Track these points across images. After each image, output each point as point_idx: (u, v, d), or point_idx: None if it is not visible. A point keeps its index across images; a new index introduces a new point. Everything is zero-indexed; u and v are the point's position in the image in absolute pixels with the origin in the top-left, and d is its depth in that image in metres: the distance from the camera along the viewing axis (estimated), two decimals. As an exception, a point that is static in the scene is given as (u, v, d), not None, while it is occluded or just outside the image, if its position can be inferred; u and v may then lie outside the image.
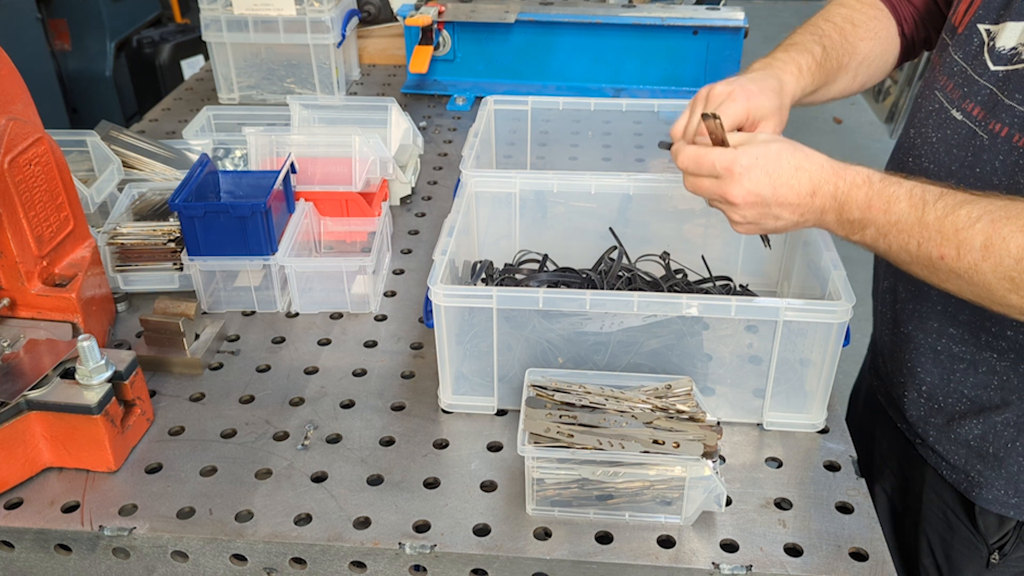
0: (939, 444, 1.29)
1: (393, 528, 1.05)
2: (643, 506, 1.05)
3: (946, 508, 1.32)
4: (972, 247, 0.93)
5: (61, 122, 4.03)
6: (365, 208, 1.58)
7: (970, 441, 1.24)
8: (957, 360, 1.23)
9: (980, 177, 1.12)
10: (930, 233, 0.96)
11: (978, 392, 1.22)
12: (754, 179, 1.04)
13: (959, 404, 1.25)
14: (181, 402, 1.26)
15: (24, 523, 1.06)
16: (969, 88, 1.15)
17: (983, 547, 1.28)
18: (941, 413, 1.28)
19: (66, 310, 1.26)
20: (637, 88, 2.27)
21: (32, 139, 1.20)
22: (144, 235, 1.46)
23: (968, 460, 1.25)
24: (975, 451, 1.24)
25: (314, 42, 2.18)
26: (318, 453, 1.17)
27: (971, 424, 1.23)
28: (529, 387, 1.12)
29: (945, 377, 1.25)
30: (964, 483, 1.27)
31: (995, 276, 0.93)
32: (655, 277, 1.36)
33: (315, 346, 1.38)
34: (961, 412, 1.25)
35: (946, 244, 0.95)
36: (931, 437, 1.30)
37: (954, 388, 1.25)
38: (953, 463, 1.27)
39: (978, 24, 1.16)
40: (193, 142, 1.77)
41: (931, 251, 0.97)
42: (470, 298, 1.16)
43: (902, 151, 1.31)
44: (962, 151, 1.15)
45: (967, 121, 1.15)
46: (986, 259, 0.93)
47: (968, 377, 1.22)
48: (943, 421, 1.28)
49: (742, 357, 1.19)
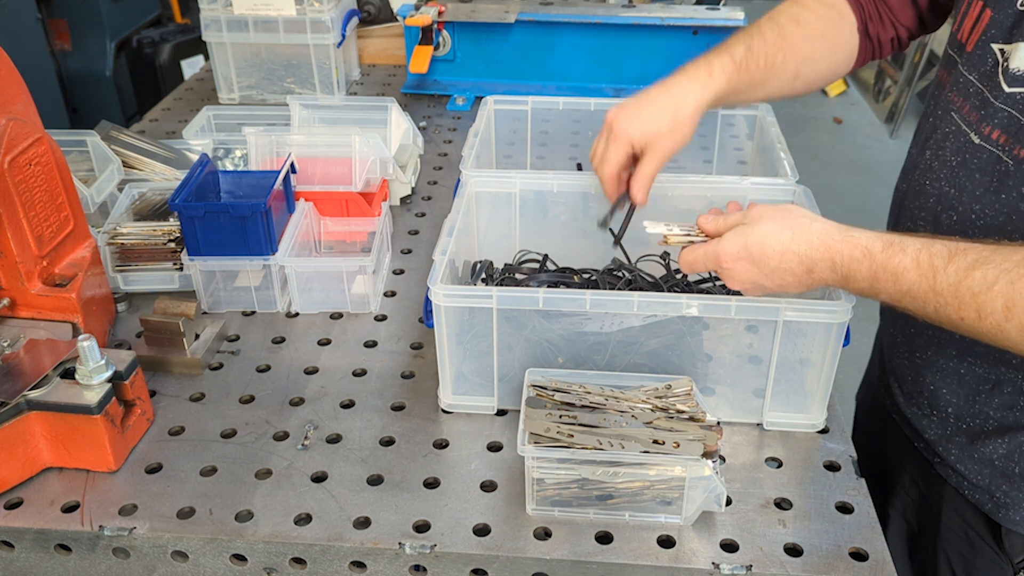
0: (961, 463, 1.26)
1: (393, 528, 1.05)
2: (643, 506, 1.05)
3: (967, 527, 1.29)
4: (993, 310, 0.91)
5: (61, 122, 4.03)
6: (365, 208, 1.58)
7: (995, 461, 1.21)
8: (982, 381, 1.20)
9: (1006, 203, 1.10)
10: (946, 299, 0.94)
11: (1004, 412, 1.19)
12: (744, 270, 1.06)
13: (985, 425, 1.22)
14: (181, 402, 1.26)
15: (24, 523, 1.06)
16: (987, 111, 1.12)
17: (1008, 567, 1.25)
18: (964, 433, 1.25)
19: (66, 310, 1.26)
20: (637, 88, 2.25)
21: (32, 139, 1.20)
22: (144, 235, 1.46)
23: (993, 480, 1.22)
24: (1000, 471, 1.21)
25: (314, 42, 2.18)
26: (318, 453, 1.17)
27: (996, 444, 1.21)
28: (529, 387, 1.12)
29: (970, 399, 1.23)
30: (988, 503, 1.24)
31: (1021, 336, 0.91)
32: (655, 277, 1.36)
33: (315, 346, 1.38)
34: (986, 432, 1.22)
35: (964, 308, 0.93)
36: (952, 456, 1.27)
37: (979, 409, 1.22)
38: (976, 483, 1.24)
39: (991, 44, 1.12)
40: (193, 142, 1.77)
41: (950, 314, 0.95)
42: (470, 298, 1.16)
43: (919, 173, 1.26)
44: (985, 176, 1.13)
45: (987, 145, 1.12)
46: (1009, 320, 0.91)
47: (993, 398, 1.20)
48: (966, 440, 1.25)
49: (742, 357, 1.19)
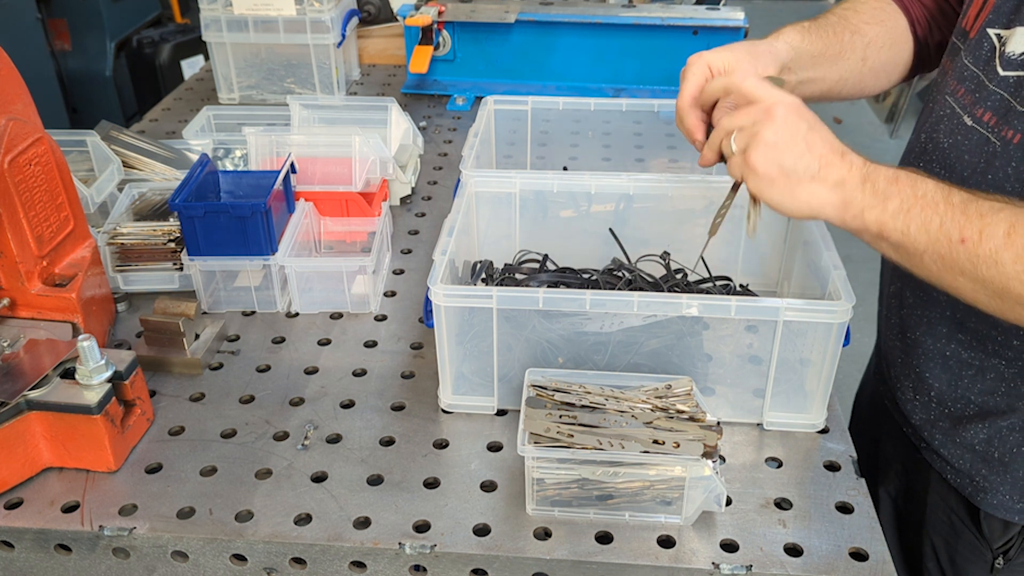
0: (944, 448, 1.28)
1: (393, 528, 1.05)
2: (643, 506, 1.05)
3: (951, 512, 1.31)
4: (994, 234, 0.92)
5: (61, 122, 4.03)
6: (365, 208, 1.58)
7: (975, 446, 1.23)
8: (966, 366, 1.22)
9: (993, 184, 1.12)
10: (954, 213, 0.94)
11: (985, 398, 1.21)
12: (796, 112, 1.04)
13: (967, 409, 1.24)
14: (181, 402, 1.26)
15: (24, 523, 1.06)
16: (981, 94, 1.14)
17: (987, 552, 1.27)
18: (947, 418, 1.27)
19: (66, 310, 1.26)
20: (637, 88, 2.27)
21: (32, 139, 1.20)
22: (144, 235, 1.46)
23: (973, 464, 1.25)
24: (980, 456, 1.23)
25: (314, 42, 2.18)
26: (318, 453, 1.16)
27: (977, 429, 1.23)
28: (529, 387, 1.12)
29: (953, 383, 1.25)
30: (969, 487, 1.26)
31: (1015, 267, 0.91)
32: (655, 277, 1.36)
33: (315, 346, 1.38)
34: (968, 417, 1.24)
35: (969, 226, 0.93)
36: (936, 441, 1.30)
37: (962, 394, 1.24)
38: (958, 467, 1.27)
39: (988, 29, 1.14)
40: (193, 142, 1.77)
41: (952, 232, 0.94)
42: (470, 298, 1.16)
43: (913, 155, 1.29)
44: (974, 157, 1.14)
45: (978, 127, 1.14)
46: (1007, 247, 0.91)
47: (976, 383, 1.22)
48: (949, 425, 1.27)
49: (742, 357, 1.19)
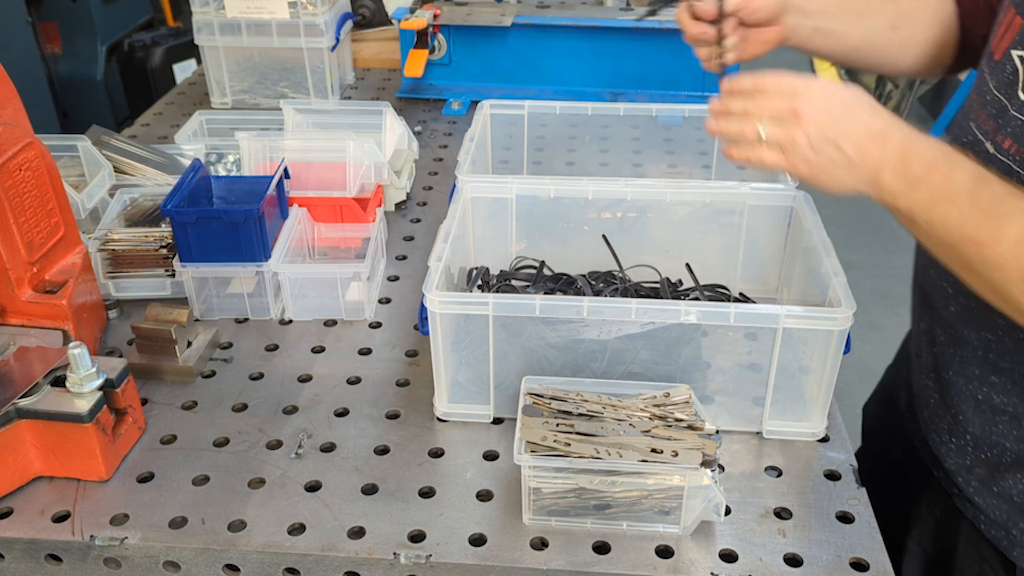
0: (979, 496, 1.21)
1: (388, 538, 1.04)
2: (641, 515, 1.04)
3: (983, 563, 1.24)
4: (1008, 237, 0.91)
5: (52, 127, 4.00)
6: (359, 214, 1.57)
7: (1013, 497, 1.17)
8: (999, 412, 1.16)
9: None
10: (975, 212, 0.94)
11: (1022, 446, 1.15)
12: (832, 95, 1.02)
13: (1003, 456, 1.18)
14: (173, 410, 1.25)
15: (14, 533, 1.05)
16: (1003, 120, 1.08)
17: None
18: (984, 464, 1.21)
19: (57, 317, 1.25)
20: (635, 92, 2.26)
21: (22, 144, 1.19)
22: (136, 241, 1.44)
23: (1011, 517, 1.17)
24: (1018, 508, 1.16)
25: (308, 46, 2.16)
26: (312, 462, 1.15)
27: (1015, 479, 1.16)
28: (526, 395, 1.11)
29: (987, 428, 1.19)
30: (1004, 541, 1.19)
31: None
32: (653, 284, 1.36)
33: (309, 354, 1.37)
34: (1005, 465, 1.18)
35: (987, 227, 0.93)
36: (971, 488, 1.23)
37: (997, 440, 1.18)
38: (993, 518, 1.20)
39: (1013, 51, 1.09)
40: (185, 147, 1.76)
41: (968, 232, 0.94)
42: (466, 305, 1.15)
43: None
44: None
45: (1000, 156, 1.08)
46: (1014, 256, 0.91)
47: (1012, 430, 1.16)
48: (986, 472, 1.20)
49: (741, 365, 1.18)
